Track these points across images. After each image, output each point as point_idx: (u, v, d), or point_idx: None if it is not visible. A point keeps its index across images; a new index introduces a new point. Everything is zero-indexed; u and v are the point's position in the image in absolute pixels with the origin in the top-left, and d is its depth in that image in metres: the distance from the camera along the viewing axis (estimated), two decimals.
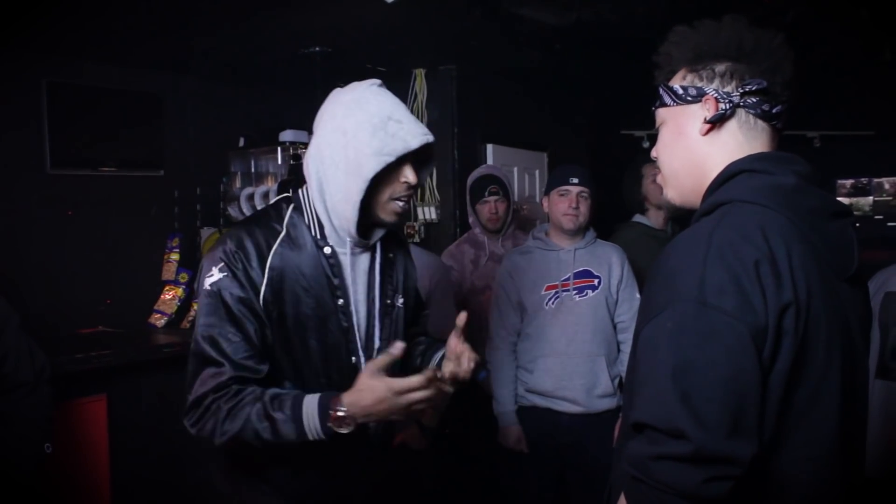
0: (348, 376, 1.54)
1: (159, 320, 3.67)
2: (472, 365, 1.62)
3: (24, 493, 2.29)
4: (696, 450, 1.00)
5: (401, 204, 1.60)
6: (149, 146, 3.95)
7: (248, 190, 3.88)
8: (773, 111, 1.23)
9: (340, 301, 1.61)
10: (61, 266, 3.58)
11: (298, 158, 3.71)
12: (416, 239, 4.13)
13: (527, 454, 2.80)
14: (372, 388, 1.46)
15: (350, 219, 1.56)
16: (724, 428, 1.01)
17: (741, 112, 1.23)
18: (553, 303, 2.77)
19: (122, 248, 3.80)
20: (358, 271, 1.65)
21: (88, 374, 2.88)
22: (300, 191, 1.66)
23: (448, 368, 1.62)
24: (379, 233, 1.68)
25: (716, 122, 1.23)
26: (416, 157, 1.59)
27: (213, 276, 1.53)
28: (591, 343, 2.73)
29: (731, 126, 1.24)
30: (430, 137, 1.57)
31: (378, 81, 1.61)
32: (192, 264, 3.84)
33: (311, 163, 1.59)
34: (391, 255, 1.75)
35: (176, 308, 3.69)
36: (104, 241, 3.74)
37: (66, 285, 3.57)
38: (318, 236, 1.61)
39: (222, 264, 1.53)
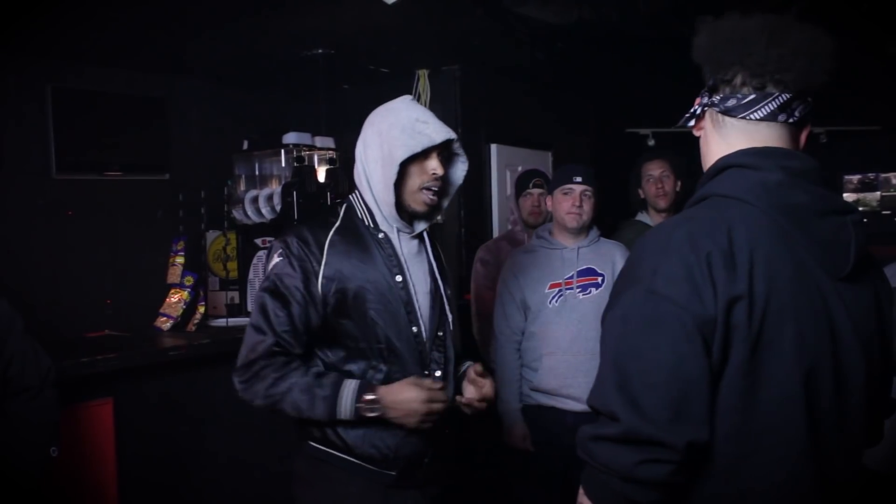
0: (409, 343, 1.82)
1: (165, 323, 3.67)
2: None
3: (30, 496, 2.29)
4: (624, 431, 1.03)
5: (429, 194, 1.84)
6: (153, 150, 3.96)
7: (253, 192, 3.86)
8: (742, 103, 1.19)
9: (398, 277, 1.83)
10: (67, 270, 3.59)
11: (302, 160, 3.70)
12: None
13: (532, 453, 2.80)
14: (407, 387, 1.75)
15: (389, 202, 1.81)
16: (661, 413, 1.03)
17: (711, 112, 1.26)
18: (557, 301, 2.76)
19: (128, 252, 3.81)
20: (410, 254, 1.88)
21: (94, 377, 2.88)
22: (350, 196, 1.93)
23: (469, 393, 1.90)
24: (421, 225, 1.91)
25: (690, 126, 1.29)
26: (443, 155, 1.86)
27: (273, 261, 1.80)
28: (595, 341, 2.67)
29: (707, 126, 1.28)
30: (452, 134, 1.84)
31: (410, 97, 1.92)
32: (198, 267, 3.85)
33: (359, 164, 1.88)
34: (434, 248, 2.00)
35: (181, 311, 3.69)
36: (110, 244, 3.75)
37: (72, 289, 3.59)
38: (371, 225, 1.86)
39: (281, 249, 1.79)
